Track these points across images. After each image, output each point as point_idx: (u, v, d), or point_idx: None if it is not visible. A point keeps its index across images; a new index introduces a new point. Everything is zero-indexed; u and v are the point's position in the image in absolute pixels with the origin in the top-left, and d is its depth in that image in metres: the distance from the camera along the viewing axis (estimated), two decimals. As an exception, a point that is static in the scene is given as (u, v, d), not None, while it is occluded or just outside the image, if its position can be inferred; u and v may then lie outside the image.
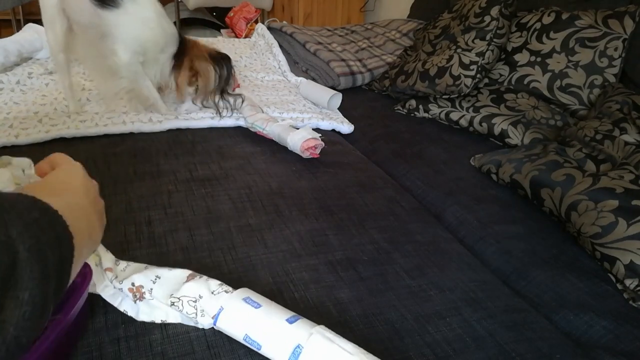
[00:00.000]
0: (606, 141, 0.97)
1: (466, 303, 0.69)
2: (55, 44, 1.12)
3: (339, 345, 0.49)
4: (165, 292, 0.57)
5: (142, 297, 0.57)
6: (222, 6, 3.02)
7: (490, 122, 1.24)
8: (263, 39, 1.83)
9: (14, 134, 1.01)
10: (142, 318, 0.57)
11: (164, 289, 0.57)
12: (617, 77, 1.19)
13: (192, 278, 0.58)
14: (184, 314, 0.57)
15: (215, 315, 0.54)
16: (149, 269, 0.59)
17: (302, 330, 0.51)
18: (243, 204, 0.85)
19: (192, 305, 0.56)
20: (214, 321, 0.55)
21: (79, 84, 1.36)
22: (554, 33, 1.26)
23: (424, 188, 1.06)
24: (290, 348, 0.50)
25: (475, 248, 0.89)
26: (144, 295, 0.57)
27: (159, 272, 0.59)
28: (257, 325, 0.53)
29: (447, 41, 1.40)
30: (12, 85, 1.28)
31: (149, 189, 0.87)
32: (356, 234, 0.82)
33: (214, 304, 0.55)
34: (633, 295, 0.76)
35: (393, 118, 1.39)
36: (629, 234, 0.78)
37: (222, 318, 0.54)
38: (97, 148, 1.02)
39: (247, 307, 0.54)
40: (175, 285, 0.57)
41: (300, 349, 0.49)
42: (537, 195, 0.95)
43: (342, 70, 1.58)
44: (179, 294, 0.56)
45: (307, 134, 1.04)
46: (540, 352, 0.63)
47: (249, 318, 0.53)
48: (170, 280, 0.58)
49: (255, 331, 0.52)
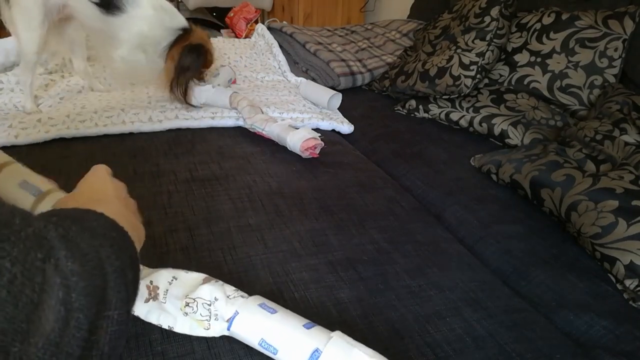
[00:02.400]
0: (606, 141, 0.97)
1: (466, 303, 0.69)
2: (32, 44, 1.13)
3: (358, 349, 0.48)
4: (181, 293, 0.56)
5: (156, 297, 0.56)
6: (222, 6, 3.02)
7: (490, 122, 1.24)
8: (263, 39, 1.83)
9: (13, 134, 1.01)
10: (149, 319, 0.56)
11: (180, 290, 0.56)
12: (617, 78, 1.19)
13: (208, 281, 0.58)
14: (196, 319, 0.56)
15: (231, 318, 0.54)
16: (167, 269, 0.59)
17: (320, 334, 0.51)
18: (243, 204, 0.85)
19: (206, 307, 0.55)
20: (229, 325, 0.54)
21: (79, 84, 1.36)
22: (554, 33, 1.26)
23: (424, 188, 1.06)
24: (309, 352, 0.49)
25: (475, 248, 0.89)
26: (158, 296, 0.56)
27: (176, 273, 0.58)
28: (273, 330, 0.52)
29: (447, 41, 1.40)
30: (12, 85, 1.28)
31: (149, 189, 0.87)
32: (356, 234, 0.82)
33: (230, 308, 0.54)
34: (633, 295, 0.76)
35: (393, 118, 1.39)
36: (629, 234, 0.78)
37: (237, 322, 0.53)
38: (97, 148, 1.02)
39: (263, 312, 0.54)
40: (191, 287, 0.57)
41: (318, 353, 0.49)
42: (537, 196, 0.95)
43: (342, 71, 1.58)
44: (194, 295, 0.55)
45: (306, 134, 1.04)
46: (540, 352, 0.63)
47: (265, 323, 0.53)
48: (186, 282, 0.57)
49: (272, 335, 0.52)
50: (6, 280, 0.24)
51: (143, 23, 1.13)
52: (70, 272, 0.28)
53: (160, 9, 1.15)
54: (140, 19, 1.12)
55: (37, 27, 1.11)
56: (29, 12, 1.09)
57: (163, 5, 1.16)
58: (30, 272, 0.26)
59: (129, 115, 1.14)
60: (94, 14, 1.10)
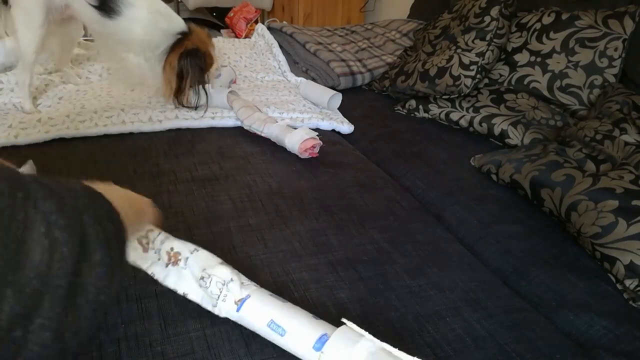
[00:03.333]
0: (606, 141, 0.97)
1: (466, 303, 0.69)
2: (31, 44, 1.13)
3: (366, 337, 0.49)
4: (199, 265, 0.57)
5: (176, 262, 0.57)
6: (222, 6, 3.02)
7: (490, 122, 1.24)
8: (263, 39, 1.83)
9: (13, 134, 1.01)
10: (167, 283, 0.58)
11: (200, 263, 0.57)
12: (617, 78, 1.19)
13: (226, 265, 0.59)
14: (207, 294, 0.57)
15: (242, 300, 0.55)
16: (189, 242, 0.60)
17: (328, 324, 0.53)
18: (243, 204, 0.85)
19: (219, 287, 0.56)
20: (239, 307, 0.55)
21: (78, 84, 1.36)
22: (554, 33, 1.26)
23: (424, 188, 1.06)
24: (317, 335, 0.51)
25: (475, 248, 0.89)
26: (178, 261, 0.57)
27: (198, 247, 0.59)
28: (283, 312, 0.54)
29: (447, 41, 1.40)
30: (12, 85, 1.27)
31: (149, 189, 0.87)
32: (356, 234, 0.82)
33: (243, 291, 0.56)
34: (633, 295, 0.76)
35: (393, 118, 1.39)
36: (629, 234, 0.78)
37: (248, 304, 0.55)
38: (97, 148, 1.02)
39: (274, 299, 0.56)
40: (210, 263, 0.58)
41: (326, 337, 0.50)
42: (537, 196, 0.95)
43: (342, 71, 1.58)
44: (211, 272, 0.57)
45: (304, 134, 1.04)
46: (540, 352, 0.63)
47: (275, 306, 0.54)
48: (206, 257, 0.58)
49: (282, 317, 0.53)
50: None
51: (138, 25, 1.12)
52: (49, 212, 0.29)
53: (156, 12, 1.14)
54: (135, 21, 1.12)
55: (38, 27, 1.11)
56: (30, 13, 1.09)
57: (159, 8, 1.15)
58: (13, 209, 0.27)
59: (129, 115, 1.14)
60: (93, 17, 1.11)
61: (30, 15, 1.10)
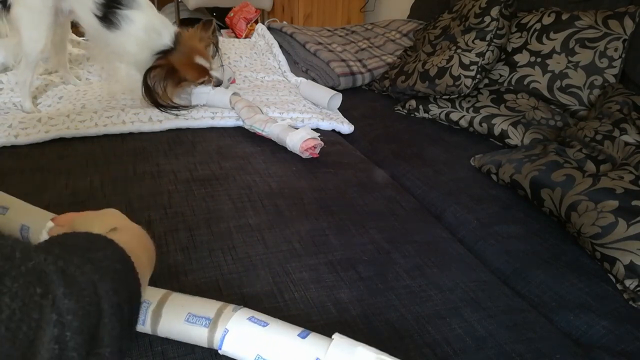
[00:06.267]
0: (606, 141, 0.97)
1: (466, 303, 0.69)
2: (38, 43, 1.13)
3: (362, 347, 0.47)
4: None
5: None
6: (222, 6, 3.02)
7: (490, 122, 1.24)
8: (263, 39, 1.83)
9: (13, 134, 1.01)
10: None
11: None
12: (617, 78, 1.19)
13: None
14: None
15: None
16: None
17: (318, 341, 0.49)
18: (243, 204, 0.85)
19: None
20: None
21: (78, 84, 1.36)
22: (554, 33, 1.26)
23: (424, 188, 1.06)
24: None
25: (475, 248, 0.89)
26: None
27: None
28: (268, 344, 0.49)
29: (447, 41, 1.40)
30: (12, 85, 1.27)
31: (149, 189, 0.87)
32: (356, 234, 0.82)
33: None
34: (633, 295, 0.76)
35: (393, 118, 1.39)
36: (629, 234, 0.78)
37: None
38: (97, 148, 1.02)
39: (254, 326, 0.51)
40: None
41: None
42: (537, 196, 0.95)
43: (342, 71, 1.58)
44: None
45: (305, 134, 1.04)
46: (540, 352, 0.63)
47: (258, 337, 0.50)
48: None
49: (268, 350, 0.49)
50: (5, 316, 0.25)
51: (133, 42, 1.13)
52: (66, 310, 0.28)
53: (151, 30, 1.14)
54: (131, 37, 1.13)
55: (46, 28, 1.12)
56: (38, 13, 1.10)
57: (155, 25, 1.15)
58: (29, 308, 0.26)
59: (129, 115, 1.14)
60: (94, 25, 1.12)
61: (36, 15, 1.10)
